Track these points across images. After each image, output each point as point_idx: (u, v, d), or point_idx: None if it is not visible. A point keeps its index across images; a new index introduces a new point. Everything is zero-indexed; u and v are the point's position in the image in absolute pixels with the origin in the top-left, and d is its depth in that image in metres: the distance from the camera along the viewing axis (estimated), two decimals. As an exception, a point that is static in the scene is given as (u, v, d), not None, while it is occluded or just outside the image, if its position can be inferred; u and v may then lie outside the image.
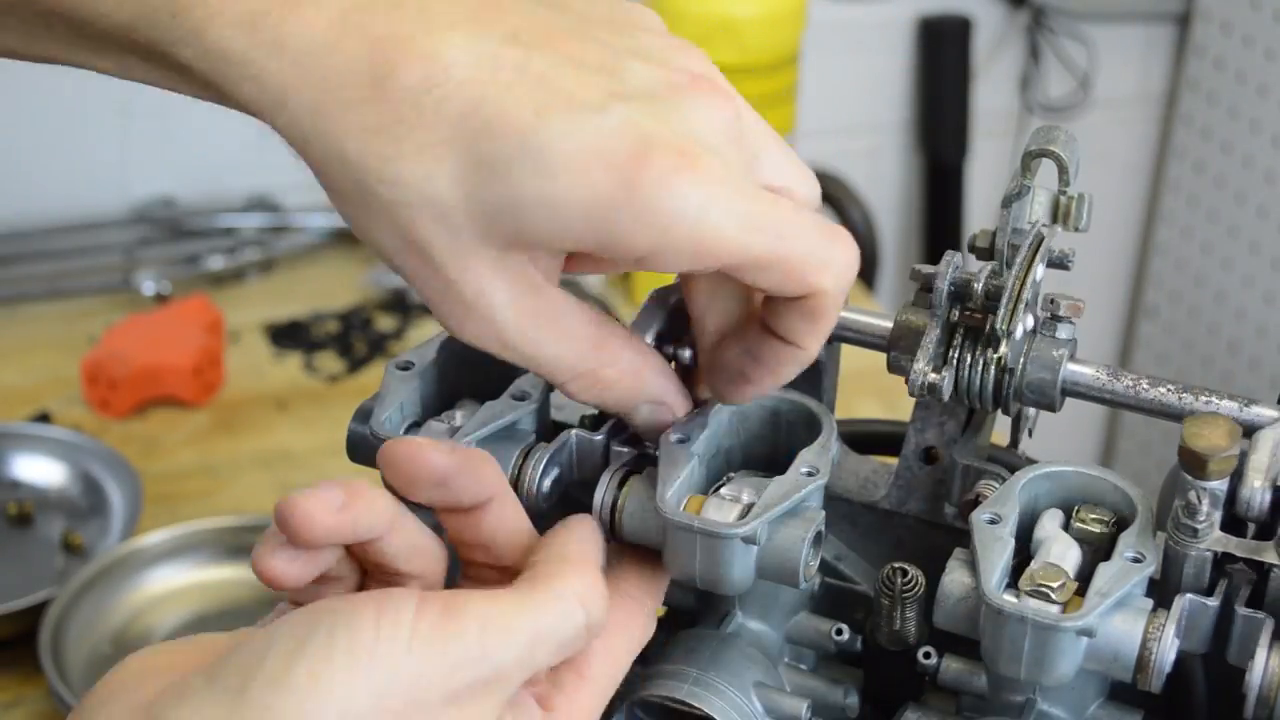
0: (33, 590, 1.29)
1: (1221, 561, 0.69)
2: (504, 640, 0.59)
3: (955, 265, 0.74)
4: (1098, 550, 0.70)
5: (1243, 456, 0.69)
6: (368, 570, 0.66)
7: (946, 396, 0.74)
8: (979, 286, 0.72)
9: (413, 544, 0.65)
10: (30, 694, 1.26)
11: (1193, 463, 0.68)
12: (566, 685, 0.65)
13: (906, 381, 0.74)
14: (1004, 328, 0.71)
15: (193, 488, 1.49)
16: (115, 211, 1.86)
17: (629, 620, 0.69)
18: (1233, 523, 0.70)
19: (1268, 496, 0.69)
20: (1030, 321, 0.73)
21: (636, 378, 0.69)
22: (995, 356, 0.72)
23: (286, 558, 0.62)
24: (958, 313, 0.74)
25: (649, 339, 0.74)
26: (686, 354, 0.75)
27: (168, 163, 1.87)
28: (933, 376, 0.73)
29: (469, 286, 0.64)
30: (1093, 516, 0.71)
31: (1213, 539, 0.68)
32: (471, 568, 0.68)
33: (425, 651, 0.58)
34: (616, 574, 0.70)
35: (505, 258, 0.63)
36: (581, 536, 0.67)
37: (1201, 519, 0.68)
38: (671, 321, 0.75)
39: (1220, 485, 0.68)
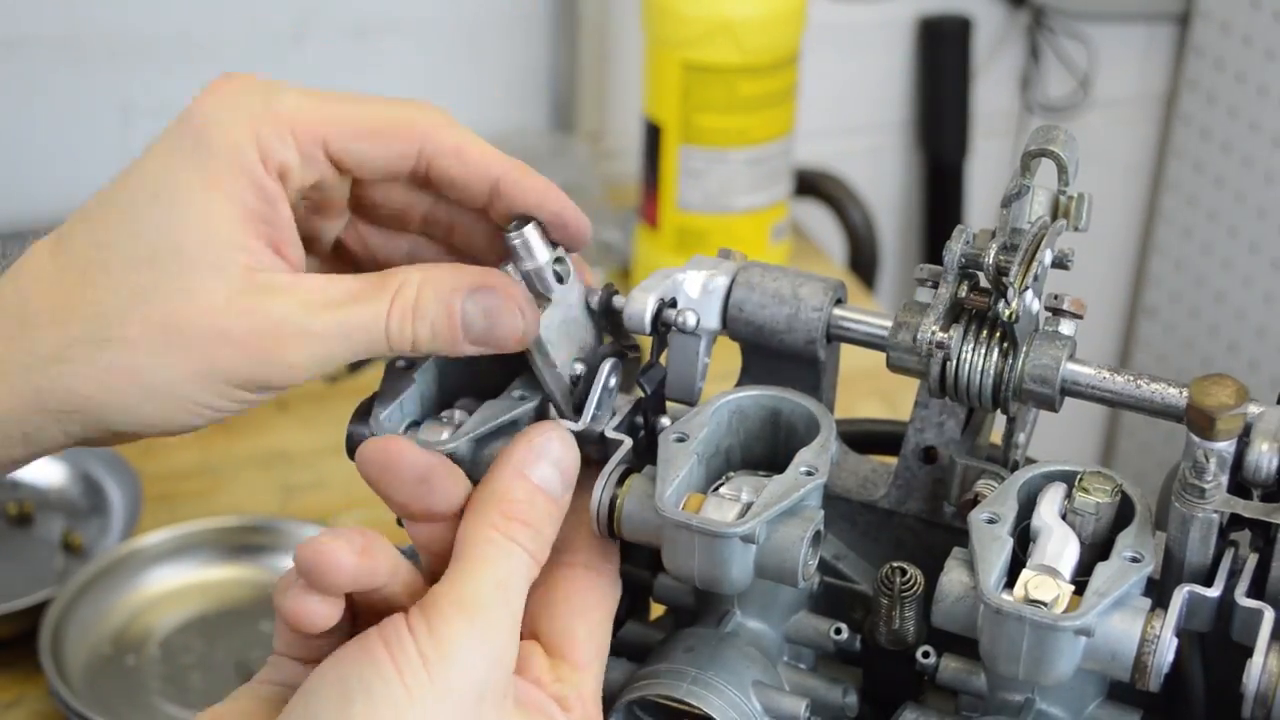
0: (33, 590, 1.29)
1: (1227, 529, 0.69)
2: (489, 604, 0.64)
3: (967, 237, 0.74)
4: (1101, 521, 0.70)
5: (1250, 424, 0.69)
6: (358, 614, 0.67)
7: (955, 357, 0.73)
8: (989, 259, 0.72)
9: (407, 583, 0.67)
10: (30, 694, 1.26)
11: (1201, 421, 0.68)
12: (568, 679, 0.68)
13: (914, 341, 0.73)
14: (1018, 284, 0.70)
15: (193, 488, 1.49)
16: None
17: (594, 589, 0.71)
18: (1239, 491, 0.70)
19: (1275, 461, 0.69)
20: (1036, 305, 0.73)
21: (438, 276, 0.70)
22: (1007, 311, 0.71)
23: (317, 600, 0.64)
24: (964, 289, 0.74)
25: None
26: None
27: (168, 163, 1.87)
28: (941, 335, 0.73)
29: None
30: (1097, 486, 0.71)
31: (1220, 500, 0.68)
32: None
33: (442, 674, 0.62)
34: (569, 546, 0.71)
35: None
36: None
37: (1209, 479, 0.67)
38: None
39: (1227, 447, 0.68)
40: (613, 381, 0.75)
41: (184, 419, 0.68)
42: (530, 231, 0.73)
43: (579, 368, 0.76)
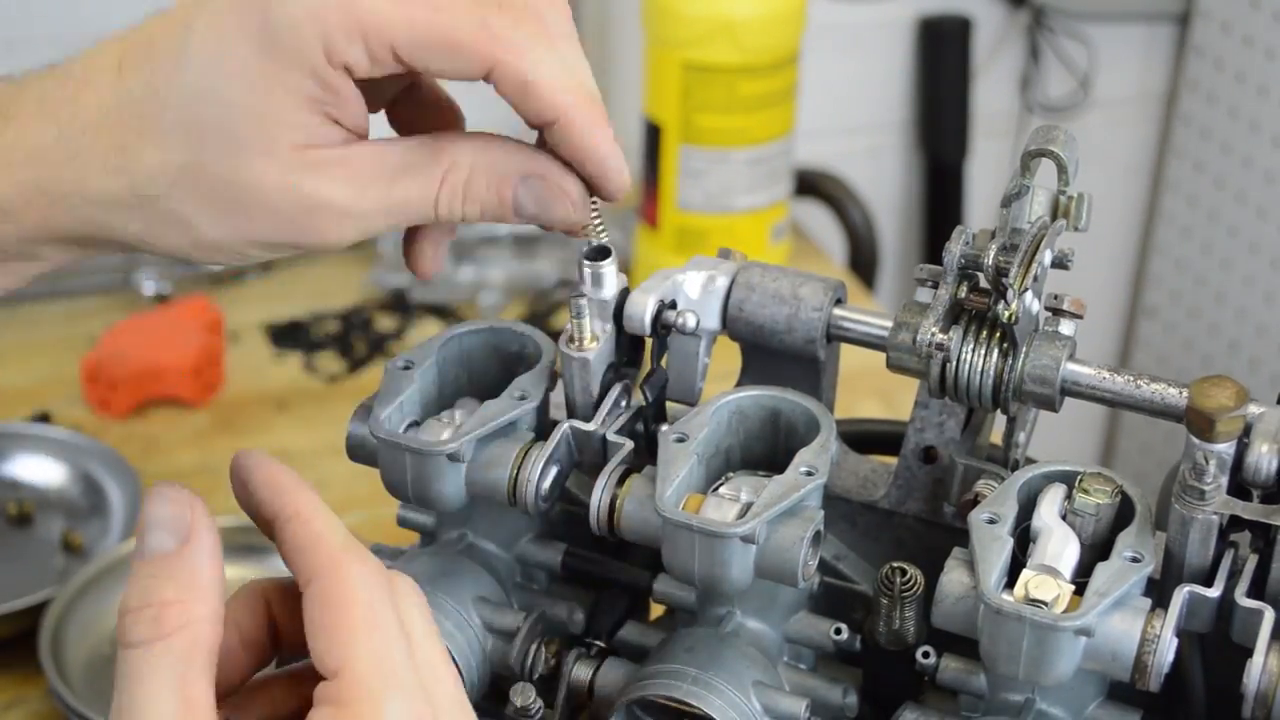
0: (33, 590, 1.29)
1: (1227, 530, 0.69)
2: None
3: (967, 238, 0.74)
4: (1101, 522, 0.70)
5: (1249, 426, 0.69)
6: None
7: (955, 358, 0.73)
8: (989, 260, 0.72)
9: None
10: (30, 694, 1.26)
11: (1200, 423, 0.68)
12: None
13: (914, 342, 0.73)
14: (1017, 286, 0.70)
15: (193, 488, 1.49)
16: (115, 211, 1.86)
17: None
18: (1238, 492, 0.69)
19: (1275, 463, 0.68)
20: (1036, 306, 0.73)
21: (489, 160, 0.69)
22: (1006, 313, 0.71)
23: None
24: (964, 289, 0.74)
25: None
26: None
27: (168, 163, 1.86)
28: (940, 336, 0.73)
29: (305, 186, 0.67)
30: (1097, 487, 0.71)
31: (1219, 502, 0.68)
32: None
33: None
34: None
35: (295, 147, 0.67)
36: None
37: (1209, 480, 0.67)
38: None
39: (1227, 449, 0.68)
40: (624, 400, 0.76)
41: (212, 257, 0.69)
42: (608, 267, 0.73)
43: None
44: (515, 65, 0.67)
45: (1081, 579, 0.68)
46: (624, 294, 0.76)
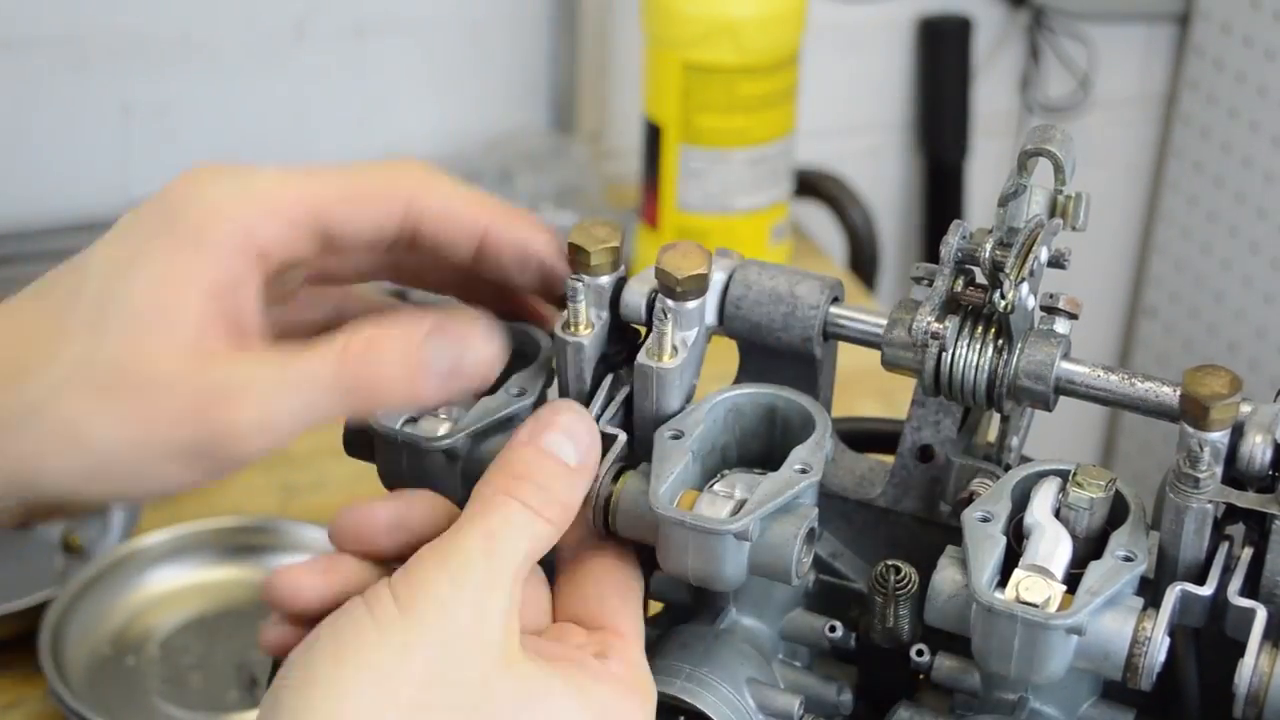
0: (33, 590, 1.29)
1: (1221, 523, 0.69)
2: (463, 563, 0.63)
3: (964, 232, 0.74)
4: (1095, 516, 0.70)
5: (1242, 419, 0.69)
6: None
7: (950, 349, 0.73)
8: (985, 253, 0.72)
9: None
10: (30, 694, 1.26)
11: (1194, 410, 0.68)
12: (608, 641, 0.68)
13: (910, 331, 0.73)
14: (1014, 276, 0.70)
15: (193, 487, 1.49)
16: (115, 211, 1.85)
17: (625, 568, 0.71)
18: (1232, 487, 0.69)
19: (1269, 452, 0.68)
20: (1032, 301, 0.73)
21: (393, 320, 0.66)
22: (1003, 303, 0.71)
23: (280, 630, 0.67)
24: (960, 283, 0.74)
25: None
26: None
27: (168, 163, 1.86)
28: (936, 325, 0.73)
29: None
30: (1091, 480, 0.71)
31: (1214, 490, 0.68)
32: None
33: (415, 612, 0.62)
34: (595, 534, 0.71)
35: None
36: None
37: (1203, 468, 0.67)
38: None
39: (1221, 438, 0.68)
40: (619, 391, 0.75)
41: (119, 488, 0.65)
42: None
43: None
44: (431, 200, 0.70)
45: (1076, 570, 0.68)
46: (621, 282, 0.76)
